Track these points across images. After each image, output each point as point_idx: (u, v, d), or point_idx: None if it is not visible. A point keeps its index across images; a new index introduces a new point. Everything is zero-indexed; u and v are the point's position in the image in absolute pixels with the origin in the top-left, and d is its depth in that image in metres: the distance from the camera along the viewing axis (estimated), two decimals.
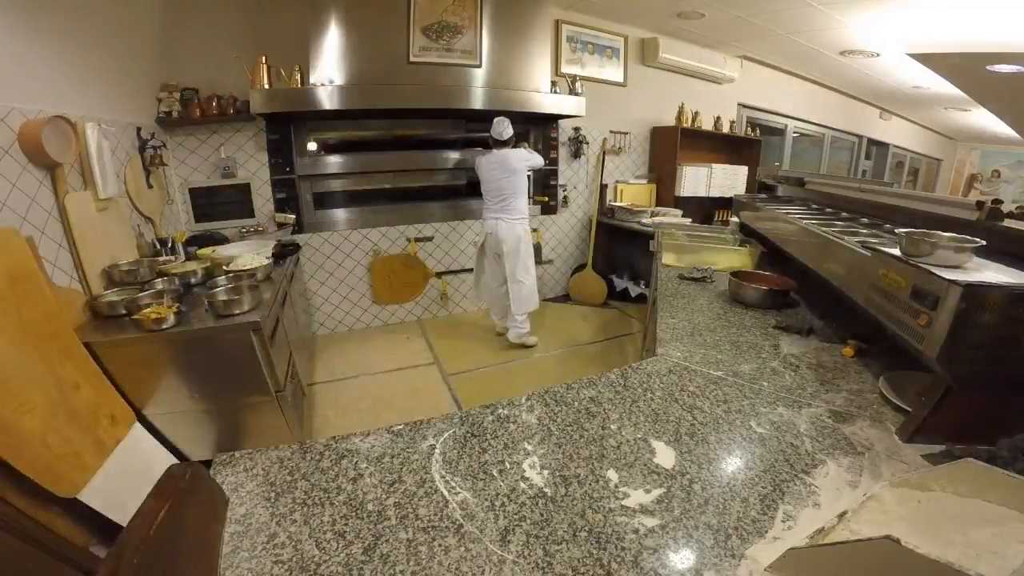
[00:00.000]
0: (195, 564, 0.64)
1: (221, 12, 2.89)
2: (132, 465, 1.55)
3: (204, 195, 3.10)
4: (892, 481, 0.67)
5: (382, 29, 2.98)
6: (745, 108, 5.35)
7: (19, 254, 1.43)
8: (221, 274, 2.18)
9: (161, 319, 1.65)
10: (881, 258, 1.04)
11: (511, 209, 3.12)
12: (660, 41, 4.26)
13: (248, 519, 0.74)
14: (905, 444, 0.92)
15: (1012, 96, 4.12)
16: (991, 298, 0.78)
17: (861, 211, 1.77)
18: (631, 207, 4.18)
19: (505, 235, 3.11)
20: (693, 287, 1.92)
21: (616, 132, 4.40)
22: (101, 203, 1.99)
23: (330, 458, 0.87)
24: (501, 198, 3.11)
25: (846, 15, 3.37)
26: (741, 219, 2.68)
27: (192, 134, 2.98)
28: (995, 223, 1.11)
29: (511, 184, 3.08)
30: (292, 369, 2.19)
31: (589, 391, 1.09)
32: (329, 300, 3.61)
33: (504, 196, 3.10)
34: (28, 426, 1.23)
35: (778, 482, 0.81)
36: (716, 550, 0.68)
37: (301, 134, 3.30)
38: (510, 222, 3.11)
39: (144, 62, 2.62)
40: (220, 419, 1.88)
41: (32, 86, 1.73)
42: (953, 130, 7.70)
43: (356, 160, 3.51)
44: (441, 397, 2.77)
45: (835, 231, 1.42)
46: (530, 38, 3.41)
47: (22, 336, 1.32)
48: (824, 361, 1.27)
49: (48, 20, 1.80)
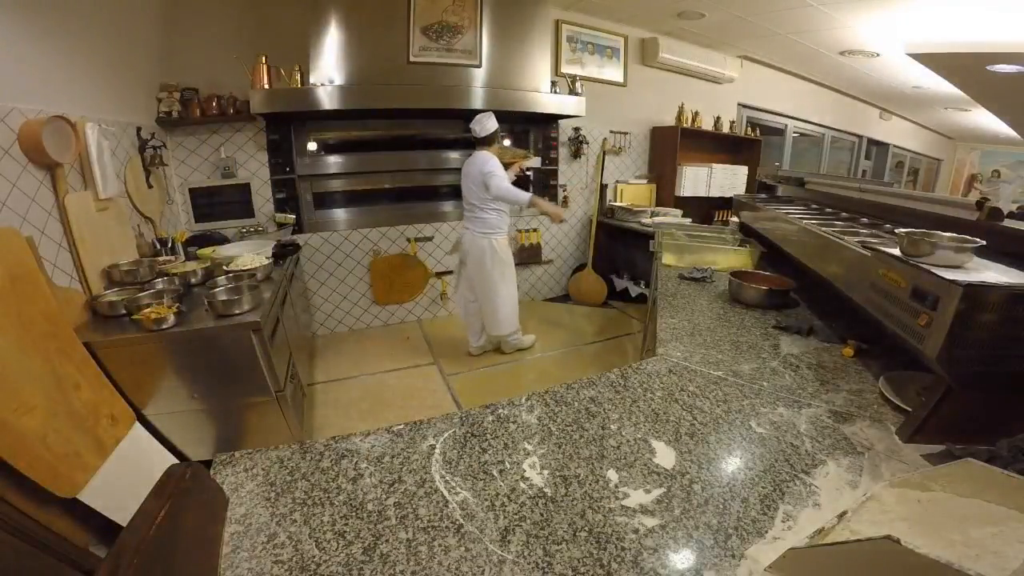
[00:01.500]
0: (195, 564, 0.64)
1: (221, 12, 2.89)
2: (132, 465, 1.55)
3: (204, 195, 3.10)
4: (892, 481, 0.66)
5: (382, 29, 2.98)
6: (745, 108, 5.35)
7: (19, 254, 1.43)
8: (221, 274, 2.18)
9: (161, 319, 1.65)
10: (881, 258, 1.04)
11: (475, 220, 2.85)
12: (660, 41, 4.26)
13: (248, 519, 0.74)
14: (905, 444, 0.92)
15: (1012, 96, 4.12)
16: (991, 298, 0.78)
17: (861, 211, 1.77)
18: (631, 207, 4.17)
19: (469, 247, 2.90)
20: (693, 287, 1.92)
21: (616, 132, 4.40)
22: (101, 203, 1.99)
23: (330, 458, 0.87)
24: (468, 206, 2.87)
25: (846, 15, 3.37)
26: (741, 219, 2.68)
27: (192, 134, 2.98)
28: (995, 223, 1.11)
29: (471, 193, 2.81)
30: (292, 369, 2.19)
31: (589, 391, 1.09)
32: (329, 300, 3.61)
33: (470, 204, 2.85)
34: (28, 426, 1.24)
35: (778, 482, 0.81)
36: (716, 550, 0.68)
37: (301, 134, 3.30)
38: (475, 234, 2.86)
39: (144, 62, 2.62)
40: (220, 419, 1.88)
41: (32, 86, 1.73)
42: (953, 130, 7.70)
43: (356, 160, 3.51)
44: (441, 397, 2.76)
45: (835, 231, 1.42)
46: (530, 38, 3.41)
47: (22, 336, 1.32)
48: (824, 361, 1.27)
49: (48, 20, 1.80)
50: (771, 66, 5.15)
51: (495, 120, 2.79)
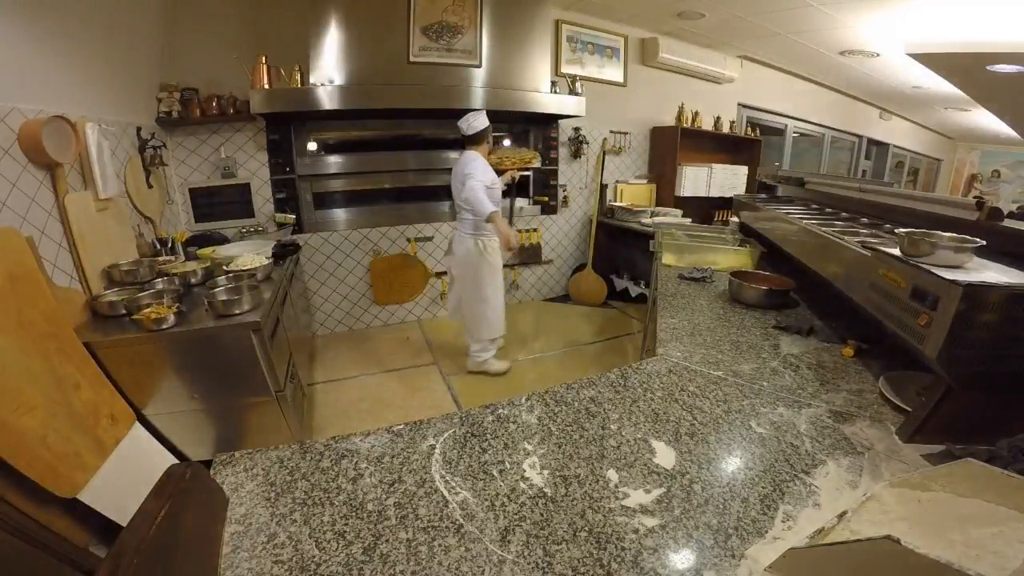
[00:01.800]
0: (195, 564, 0.64)
1: (221, 12, 2.89)
2: (132, 465, 1.55)
3: (204, 195, 3.10)
4: (892, 481, 0.66)
5: (382, 29, 2.98)
6: (745, 108, 5.35)
7: (19, 254, 1.43)
8: (221, 274, 2.18)
9: (161, 319, 1.65)
10: (881, 258, 1.04)
11: (463, 220, 2.73)
12: (660, 41, 4.26)
13: (248, 519, 0.74)
14: (905, 444, 0.92)
15: (1012, 96, 4.12)
16: (991, 298, 0.78)
17: (861, 211, 1.76)
18: (631, 207, 4.18)
19: (456, 247, 2.80)
20: (693, 287, 1.92)
21: (616, 132, 4.40)
22: (101, 203, 1.99)
23: (330, 458, 0.87)
24: (457, 207, 2.75)
25: (846, 15, 3.37)
26: (741, 219, 2.68)
27: (192, 134, 2.98)
28: (995, 223, 1.11)
29: (456, 193, 2.67)
30: (292, 369, 2.19)
31: (589, 391, 1.09)
32: (329, 300, 3.61)
33: (458, 205, 2.72)
34: (28, 426, 1.23)
35: (778, 482, 0.81)
36: (716, 550, 0.68)
37: (301, 134, 3.30)
38: (462, 234, 2.75)
39: (144, 62, 2.62)
40: (220, 419, 1.88)
41: (32, 86, 1.73)
42: (953, 130, 7.69)
43: (356, 160, 3.51)
44: (441, 397, 2.76)
45: (835, 231, 1.42)
46: (530, 38, 3.41)
47: (22, 336, 1.32)
48: (824, 361, 1.27)
49: (48, 20, 1.80)
50: (771, 66, 5.15)
51: (485, 118, 2.66)
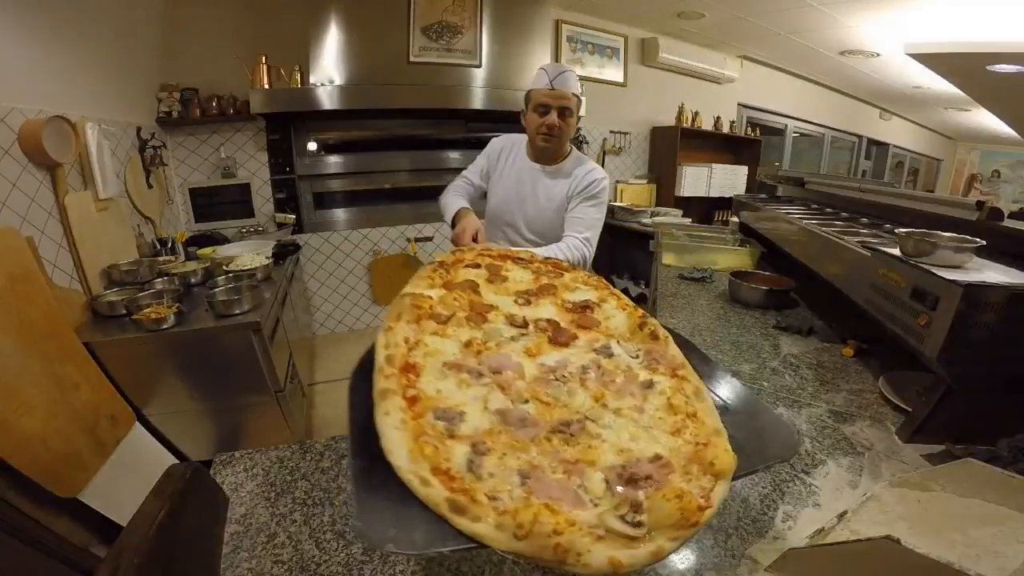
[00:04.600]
0: (195, 564, 0.64)
1: (221, 12, 2.89)
2: (132, 465, 1.55)
3: (204, 195, 3.10)
4: (892, 481, 0.66)
5: (382, 29, 2.98)
6: (745, 108, 5.35)
7: (19, 254, 1.43)
8: (221, 274, 2.18)
9: (161, 319, 1.65)
10: (881, 258, 1.04)
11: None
12: (660, 41, 4.25)
13: (248, 519, 0.74)
14: (905, 444, 0.92)
15: (1012, 96, 4.12)
16: (991, 298, 0.78)
17: (861, 211, 1.77)
18: (631, 207, 4.17)
19: None
20: (693, 287, 1.91)
21: (616, 132, 4.40)
22: (101, 203, 1.99)
23: (330, 458, 0.87)
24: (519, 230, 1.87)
25: (846, 15, 3.37)
26: (741, 219, 2.68)
27: (192, 134, 2.98)
28: (995, 223, 1.11)
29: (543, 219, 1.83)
30: (292, 369, 2.19)
31: None
32: (329, 300, 3.60)
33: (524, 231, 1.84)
34: (28, 426, 1.24)
35: (778, 482, 0.81)
36: (716, 550, 0.68)
37: (301, 134, 3.30)
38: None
39: (144, 62, 2.62)
40: (220, 419, 1.88)
41: (32, 86, 1.73)
42: (953, 130, 7.69)
43: (356, 160, 3.50)
44: None
45: (835, 231, 1.42)
46: (530, 38, 3.41)
47: (22, 336, 1.32)
48: (824, 361, 1.27)
49: (48, 20, 1.80)
50: (771, 66, 5.15)
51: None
